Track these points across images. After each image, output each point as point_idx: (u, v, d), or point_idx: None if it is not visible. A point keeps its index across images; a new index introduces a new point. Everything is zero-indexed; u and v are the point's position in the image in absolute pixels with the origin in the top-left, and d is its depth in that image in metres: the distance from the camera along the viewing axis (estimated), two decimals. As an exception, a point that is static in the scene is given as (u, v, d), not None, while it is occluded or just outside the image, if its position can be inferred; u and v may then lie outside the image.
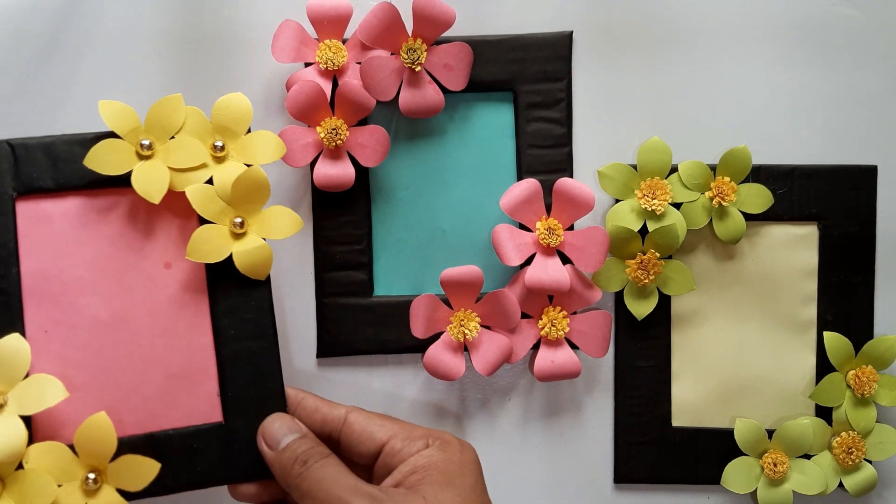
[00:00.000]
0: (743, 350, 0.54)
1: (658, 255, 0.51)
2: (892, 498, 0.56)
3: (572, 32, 0.52)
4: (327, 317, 0.53)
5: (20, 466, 0.43)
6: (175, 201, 0.46)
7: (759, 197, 0.52)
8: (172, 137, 0.46)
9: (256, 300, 0.47)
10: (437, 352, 0.50)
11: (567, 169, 0.53)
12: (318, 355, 0.53)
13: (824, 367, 0.53)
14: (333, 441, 0.46)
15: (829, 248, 0.54)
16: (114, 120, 0.45)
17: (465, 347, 0.51)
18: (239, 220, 0.46)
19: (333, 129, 0.50)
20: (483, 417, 0.54)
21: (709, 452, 0.54)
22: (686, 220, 0.52)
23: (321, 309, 0.53)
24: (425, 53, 0.50)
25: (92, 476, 0.43)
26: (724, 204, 0.51)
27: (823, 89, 0.54)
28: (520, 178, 0.53)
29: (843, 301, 0.54)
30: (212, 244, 0.45)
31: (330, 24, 0.50)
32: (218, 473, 0.46)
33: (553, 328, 0.51)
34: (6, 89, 0.51)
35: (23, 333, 0.44)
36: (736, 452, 0.53)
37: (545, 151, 0.53)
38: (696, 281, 0.53)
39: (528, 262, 0.51)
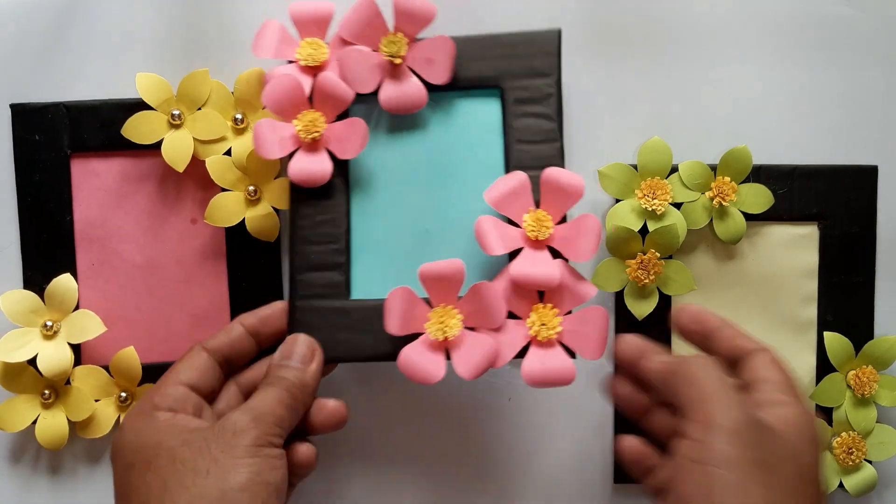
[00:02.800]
0: (743, 350, 0.54)
1: (658, 255, 0.51)
2: (893, 498, 0.55)
3: (560, 30, 0.50)
4: (299, 320, 0.49)
5: (68, 383, 0.52)
6: (200, 166, 0.51)
7: (759, 197, 0.52)
8: (200, 108, 0.51)
9: (266, 258, 0.53)
10: (413, 352, 0.46)
11: (558, 164, 0.49)
12: None
13: (824, 367, 0.53)
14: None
15: (829, 248, 0.53)
16: (148, 92, 0.51)
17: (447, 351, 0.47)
18: (253, 188, 0.51)
19: (310, 121, 0.49)
20: (482, 418, 0.54)
21: (709, 452, 0.54)
22: (686, 220, 0.52)
23: (293, 312, 0.49)
24: (406, 46, 0.49)
25: (124, 395, 0.52)
26: (724, 204, 0.51)
27: (823, 89, 0.54)
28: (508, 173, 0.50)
29: (844, 301, 0.53)
30: (227, 210, 0.51)
31: (312, 25, 0.50)
32: None
33: (543, 328, 0.47)
34: (8, 87, 0.53)
35: (75, 270, 0.53)
36: (737, 453, 0.53)
37: (534, 147, 0.50)
38: (696, 280, 0.53)
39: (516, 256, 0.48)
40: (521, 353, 0.48)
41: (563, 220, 0.48)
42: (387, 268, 0.50)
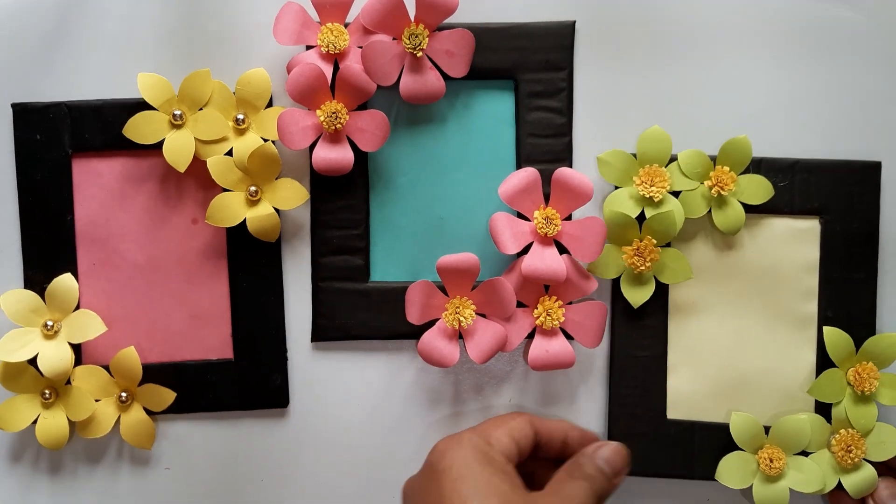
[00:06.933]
0: (741, 343, 0.53)
1: (655, 241, 0.51)
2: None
3: (575, 22, 0.52)
4: (322, 301, 0.53)
5: (69, 383, 0.52)
6: (201, 167, 0.51)
7: (759, 188, 0.52)
8: (201, 109, 0.51)
9: (267, 258, 0.53)
10: (431, 338, 0.50)
11: (567, 159, 0.53)
12: (313, 339, 0.54)
13: (824, 364, 0.53)
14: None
15: (830, 243, 0.53)
16: (150, 91, 0.50)
17: (459, 335, 0.51)
18: (254, 188, 0.51)
19: (333, 113, 0.50)
20: (477, 405, 0.54)
21: (704, 446, 0.53)
22: (685, 209, 0.52)
23: (317, 293, 0.53)
24: (427, 39, 0.50)
25: (124, 395, 0.52)
26: (723, 193, 0.51)
27: (825, 87, 0.53)
28: (519, 166, 0.53)
29: (845, 297, 0.53)
30: (228, 211, 0.51)
31: (332, 8, 0.51)
32: (226, 401, 0.53)
33: (548, 318, 0.51)
34: (9, 86, 0.53)
35: (75, 270, 0.52)
36: (732, 448, 0.52)
37: (545, 141, 0.52)
38: (694, 271, 0.53)
39: (526, 250, 0.51)
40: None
41: (569, 216, 0.51)
42: (403, 252, 0.54)
